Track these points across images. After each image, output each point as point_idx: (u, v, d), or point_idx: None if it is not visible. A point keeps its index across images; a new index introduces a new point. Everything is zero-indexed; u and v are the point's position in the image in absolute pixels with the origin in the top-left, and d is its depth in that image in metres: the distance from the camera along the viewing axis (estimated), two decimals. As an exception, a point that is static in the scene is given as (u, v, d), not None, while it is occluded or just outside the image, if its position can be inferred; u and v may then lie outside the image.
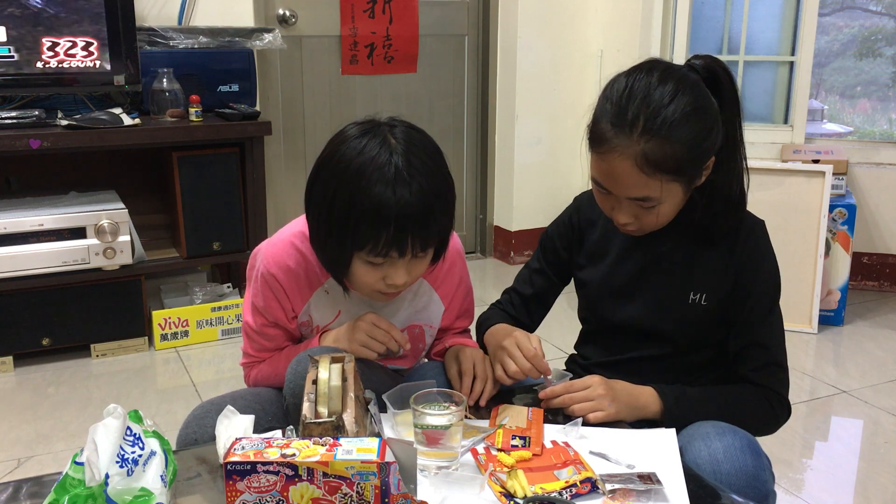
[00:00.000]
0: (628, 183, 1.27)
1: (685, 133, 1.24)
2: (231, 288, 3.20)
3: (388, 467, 0.94)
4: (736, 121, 1.34)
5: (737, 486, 1.18)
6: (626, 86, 1.27)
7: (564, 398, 1.31)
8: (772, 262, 1.40)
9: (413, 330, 1.50)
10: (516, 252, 4.01)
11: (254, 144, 2.93)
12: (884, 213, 3.54)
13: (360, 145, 1.23)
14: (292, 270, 1.39)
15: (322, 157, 1.29)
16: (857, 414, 2.57)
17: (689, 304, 1.40)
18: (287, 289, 1.40)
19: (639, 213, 1.31)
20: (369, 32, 3.69)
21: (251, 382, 1.51)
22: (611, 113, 1.27)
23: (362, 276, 1.28)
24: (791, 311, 3.12)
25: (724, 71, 1.32)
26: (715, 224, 1.37)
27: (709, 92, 1.29)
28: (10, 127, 2.65)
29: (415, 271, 1.30)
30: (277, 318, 1.42)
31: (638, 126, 1.23)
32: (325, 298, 1.42)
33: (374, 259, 1.25)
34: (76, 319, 2.84)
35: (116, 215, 2.78)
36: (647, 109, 1.23)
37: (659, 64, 1.30)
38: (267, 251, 1.41)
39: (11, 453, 2.29)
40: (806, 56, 3.43)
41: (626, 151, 1.24)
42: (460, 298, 1.54)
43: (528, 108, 3.90)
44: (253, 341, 1.47)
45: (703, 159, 1.30)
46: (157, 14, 3.11)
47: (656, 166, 1.24)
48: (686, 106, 1.24)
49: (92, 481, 0.93)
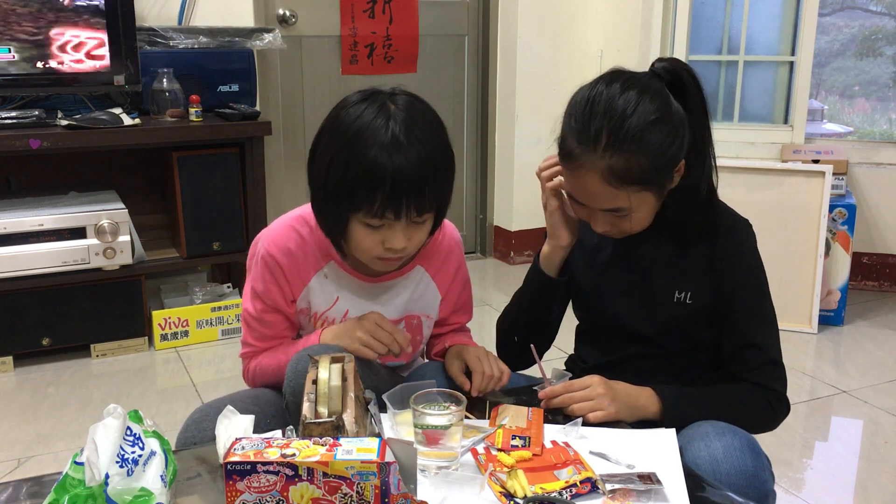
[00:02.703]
0: (598, 196, 1.29)
1: (649, 144, 1.24)
2: (231, 288, 3.20)
3: (388, 467, 0.94)
4: (704, 122, 1.34)
5: (736, 485, 1.18)
6: (588, 99, 1.27)
7: (564, 398, 1.31)
8: (753, 260, 1.40)
9: (411, 321, 1.50)
10: (516, 252, 4.01)
11: (254, 144, 2.93)
12: (884, 213, 3.54)
13: (359, 110, 1.26)
14: (292, 253, 1.40)
15: (323, 124, 1.32)
16: (857, 414, 2.57)
17: (675, 303, 1.40)
18: (287, 271, 1.41)
19: (614, 221, 1.33)
20: (369, 32, 3.69)
21: (250, 375, 1.50)
22: (575, 129, 1.27)
23: (361, 239, 1.30)
24: (791, 311, 3.12)
25: (688, 73, 1.32)
26: (688, 223, 1.37)
27: (671, 97, 1.29)
28: (10, 127, 2.65)
29: (414, 237, 1.31)
30: (277, 302, 1.43)
31: (601, 141, 1.24)
32: (323, 283, 1.43)
33: (371, 221, 1.26)
34: (76, 319, 2.84)
35: (116, 215, 2.78)
36: (610, 123, 1.24)
37: (621, 74, 1.31)
38: (268, 235, 1.43)
39: (11, 453, 2.29)
40: (806, 56, 3.42)
41: (593, 167, 1.25)
42: (458, 289, 1.54)
43: (528, 108, 3.90)
44: (252, 329, 1.47)
45: (671, 166, 1.30)
46: (157, 14, 3.11)
47: (623, 179, 1.25)
48: (649, 115, 1.24)
49: (92, 481, 0.93)
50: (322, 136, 1.31)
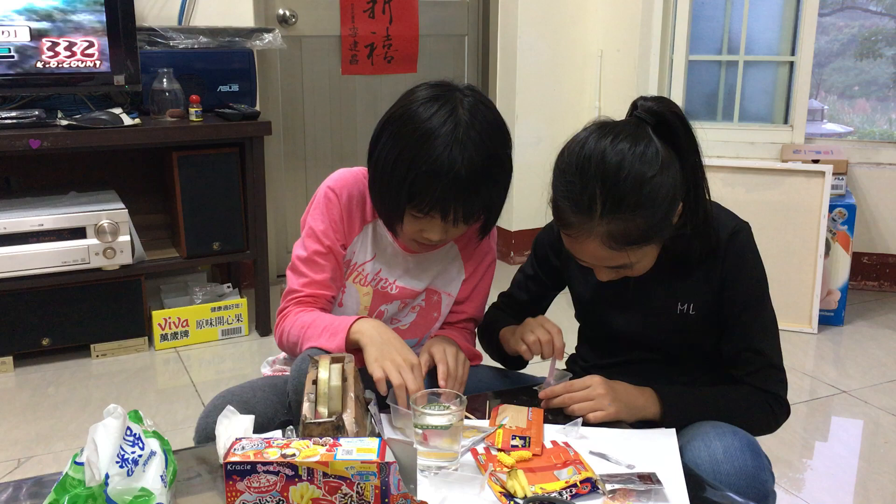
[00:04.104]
0: (599, 258, 1.27)
1: (646, 204, 1.21)
2: (231, 288, 3.20)
3: (388, 467, 0.94)
4: (694, 159, 1.29)
5: (736, 486, 1.18)
6: (578, 161, 1.23)
7: (564, 398, 1.31)
8: (756, 266, 1.38)
9: (431, 296, 1.54)
10: (516, 252, 4.01)
11: (254, 144, 2.93)
12: (884, 213, 3.54)
13: (429, 111, 1.31)
14: (353, 196, 1.47)
15: (392, 112, 1.36)
16: (857, 414, 2.57)
17: (678, 314, 1.39)
18: (345, 211, 1.47)
19: (618, 272, 1.32)
20: (369, 32, 3.69)
21: (284, 338, 1.47)
22: (568, 196, 1.24)
23: (404, 224, 1.38)
24: (791, 311, 3.12)
25: (674, 115, 1.26)
26: (688, 251, 1.35)
27: (660, 144, 1.23)
28: (10, 127, 2.65)
29: (451, 233, 1.39)
30: (332, 241, 1.46)
31: (596, 208, 1.21)
32: (370, 236, 1.49)
33: (417, 213, 1.34)
34: (76, 319, 2.84)
35: (116, 215, 2.78)
36: (604, 188, 1.20)
37: (608, 128, 1.26)
38: (337, 175, 1.50)
39: (11, 453, 2.29)
40: (806, 56, 3.42)
41: (591, 233, 1.23)
42: (482, 272, 1.57)
43: (528, 108, 3.90)
44: (300, 275, 1.48)
45: (669, 216, 1.27)
46: (157, 14, 3.11)
47: (623, 241, 1.23)
48: (643, 173, 1.20)
49: (92, 481, 0.93)
50: (389, 124, 1.35)
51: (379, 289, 1.50)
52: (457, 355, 1.40)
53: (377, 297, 1.51)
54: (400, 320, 1.55)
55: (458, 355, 1.40)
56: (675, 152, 1.26)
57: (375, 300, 1.51)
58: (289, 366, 1.61)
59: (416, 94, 1.35)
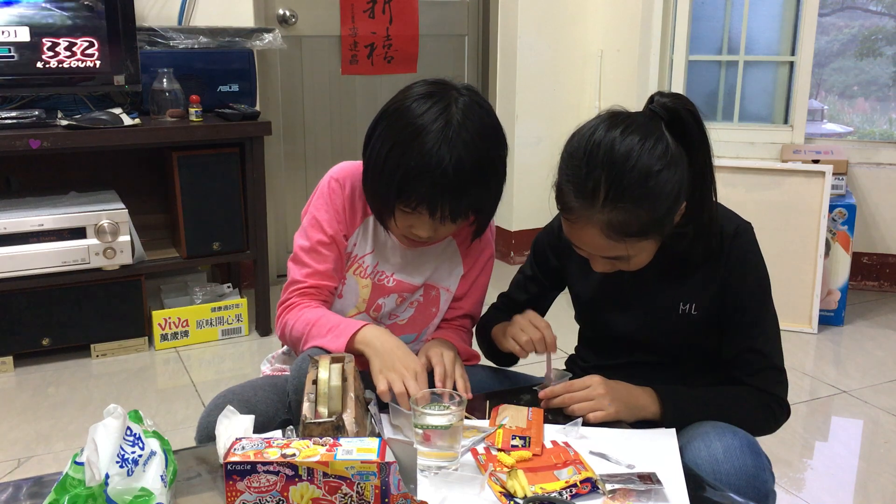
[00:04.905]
0: (597, 247, 1.27)
1: (649, 197, 1.20)
2: (231, 288, 3.20)
3: (388, 467, 0.94)
4: (705, 160, 1.28)
5: (736, 485, 1.18)
6: (587, 147, 1.23)
7: (564, 398, 1.31)
8: (758, 267, 1.38)
9: (430, 291, 1.54)
10: (516, 252, 4.01)
11: (254, 144, 2.93)
12: (884, 213, 3.54)
13: (422, 108, 1.31)
14: (357, 188, 1.47)
15: (387, 106, 1.37)
16: (857, 414, 2.57)
17: (680, 314, 1.39)
18: (348, 201, 1.47)
19: (613, 263, 1.31)
20: (369, 32, 3.69)
21: (287, 331, 1.47)
22: (572, 180, 1.23)
23: (395, 219, 1.38)
24: (791, 311, 3.12)
25: (688, 112, 1.25)
26: (690, 252, 1.35)
27: (671, 140, 1.23)
28: (10, 127, 2.65)
29: (441, 231, 1.38)
30: (335, 231, 1.47)
31: (599, 196, 1.20)
32: (370, 229, 1.50)
33: (405, 209, 1.34)
34: (76, 319, 2.84)
35: (116, 215, 2.78)
36: (609, 175, 1.20)
37: (620, 117, 1.25)
38: (340, 167, 1.51)
39: (11, 453, 2.29)
40: (806, 56, 3.42)
41: (591, 220, 1.23)
42: (480, 267, 1.57)
43: (528, 108, 3.90)
44: (302, 266, 1.48)
45: (672, 214, 1.26)
46: (157, 14, 3.11)
47: (623, 232, 1.22)
48: (650, 167, 1.20)
49: (92, 481, 0.93)
50: (383, 119, 1.36)
51: (377, 281, 1.51)
52: (454, 360, 1.40)
53: (375, 289, 1.51)
54: (398, 315, 1.55)
55: (455, 360, 1.40)
56: (685, 151, 1.25)
57: (374, 293, 1.51)
58: (288, 362, 1.61)
59: (413, 90, 1.35)
